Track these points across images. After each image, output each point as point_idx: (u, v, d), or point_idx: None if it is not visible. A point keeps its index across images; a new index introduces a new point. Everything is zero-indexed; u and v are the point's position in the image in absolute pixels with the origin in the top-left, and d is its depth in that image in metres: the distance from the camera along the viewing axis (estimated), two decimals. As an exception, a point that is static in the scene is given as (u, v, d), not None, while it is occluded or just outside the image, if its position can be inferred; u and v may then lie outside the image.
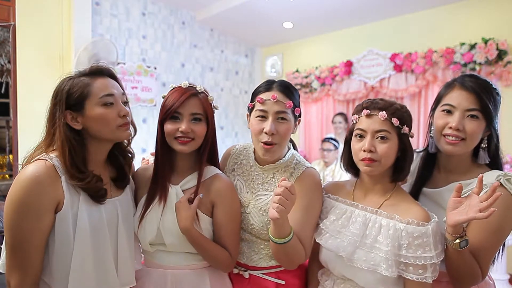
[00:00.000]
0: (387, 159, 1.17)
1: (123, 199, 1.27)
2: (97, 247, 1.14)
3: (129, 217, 1.27)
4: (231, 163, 1.46)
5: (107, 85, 1.19)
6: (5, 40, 3.13)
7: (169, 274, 1.27)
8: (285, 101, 1.27)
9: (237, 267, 1.38)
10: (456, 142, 1.20)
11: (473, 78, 1.22)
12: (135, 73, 4.23)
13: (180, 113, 1.25)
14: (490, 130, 1.22)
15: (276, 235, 1.16)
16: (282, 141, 1.29)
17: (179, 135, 1.24)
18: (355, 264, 1.14)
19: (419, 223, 1.10)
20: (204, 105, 1.28)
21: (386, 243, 1.11)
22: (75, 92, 1.15)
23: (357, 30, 4.45)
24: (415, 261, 1.08)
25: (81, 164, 1.13)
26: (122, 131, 1.21)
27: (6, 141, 4.07)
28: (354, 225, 1.20)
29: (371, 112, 1.18)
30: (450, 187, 1.22)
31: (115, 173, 1.29)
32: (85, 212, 1.12)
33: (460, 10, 3.59)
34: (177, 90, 1.28)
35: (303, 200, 1.27)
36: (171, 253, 1.27)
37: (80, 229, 1.10)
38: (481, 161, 1.24)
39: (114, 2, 4.08)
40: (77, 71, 1.21)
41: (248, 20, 4.59)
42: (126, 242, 1.23)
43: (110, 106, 1.17)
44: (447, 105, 1.23)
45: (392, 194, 1.21)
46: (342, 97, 4.52)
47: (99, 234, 1.15)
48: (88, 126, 1.16)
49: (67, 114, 1.14)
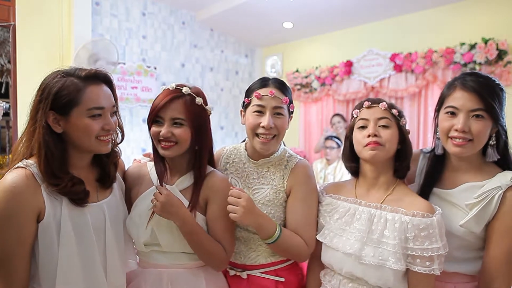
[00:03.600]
0: (391, 144, 1.20)
1: (111, 202, 1.23)
2: (84, 253, 1.11)
3: (118, 219, 1.24)
4: (222, 163, 1.48)
5: (99, 96, 1.13)
6: (5, 40, 3.13)
7: (165, 274, 1.26)
8: (281, 97, 1.32)
9: (234, 268, 1.37)
10: (463, 143, 1.18)
11: (474, 76, 1.20)
12: (135, 73, 4.23)
13: (161, 117, 1.24)
14: (497, 127, 1.20)
15: (263, 236, 1.25)
16: (279, 134, 1.33)
17: (161, 138, 1.23)
18: (363, 260, 1.14)
19: (424, 215, 1.11)
20: (188, 109, 1.24)
21: (393, 236, 1.12)
22: (64, 96, 1.08)
23: (357, 30, 4.44)
24: (422, 253, 1.09)
25: (57, 169, 1.08)
26: (101, 145, 1.16)
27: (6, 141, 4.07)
28: (359, 221, 1.20)
29: (372, 104, 1.25)
30: (463, 188, 1.22)
31: (100, 174, 1.24)
32: (69, 219, 1.09)
33: (460, 10, 3.59)
34: (163, 92, 1.27)
35: (299, 191, 1.32)
36: (166, 253, 1.27)
37: (64, 236, 1.07)
38: (489, 159, 1.22)
39: (114, 2, 4.08)
40: (73, 68, 1.15)
41: (248, 20, 4.59)
42: (116, 246, 1.20)
43: (97, 118, 1.12)
44: (450, 107, 1.21)
45: (395, 189, 1.23)
46: (342, 97, 4.51)
47: (85, 239, 1.12)
48: (69, 132, 1.11)
49: (50, 114, 1.08)
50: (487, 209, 1.14)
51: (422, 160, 1.38)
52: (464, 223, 1.16)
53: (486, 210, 1.14)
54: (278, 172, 1.36)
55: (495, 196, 1.13)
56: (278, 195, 1.33)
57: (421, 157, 1.39)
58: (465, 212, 1.18)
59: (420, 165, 1.37)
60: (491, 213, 1.14)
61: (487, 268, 1.16)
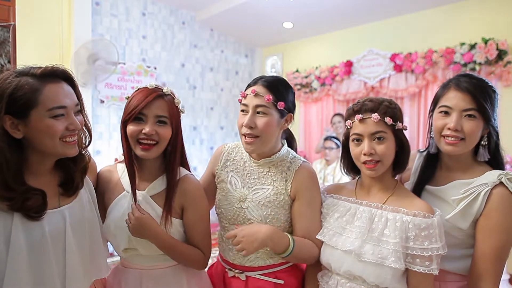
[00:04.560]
0: (388, 158, 1.20)
1: (74, 206, 1.12)
2: (37, 266, 1.01)
3: (81, 225, 1.13)
4: (223, 160, 1.46)
5: (58, 94, 1.02)
6: (5, 40, 3.13)
7: (144, 274, 1.26)
8: (264, 95, 1.27)
9: (233, 269, 1.36)
10: (455, 142, 1.21)
11: (468, 78, 1.23)
12: (135, 73, 4.23)
13: (144, 114, 1.19)
14: (489, 128, 1.23)
15: (278, 252, 1.24)
16: (263, 134, 1.27)
17: (142, 137, 1.19)
18: (363, 258, 1.15)
19: (425, 215, 1.12)
20: (169, 108, 1.23)
21: (393, 235, 1.13)
22: (20, 98, 0.97)
23: (357, 30, 4.44)
24: (422, 253, 1.10)
25: (12, 180, 0.97)
26: (67, 147, 1.06)
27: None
28: (360, 220, 1.21)
29: (364, 116, 1.20)
30: (453, 184, 1.25)
31: (64, 178, 1.13)
32: (21, 232, 0.98)
33: (460, 10, 3.59)
34: (142, 90, 1.23)
35: (305, 195, 1.31)
36: (145, 256, 1.26)
37: (13, 251, 0.96)
38: (480, 159, 1.26)
39: (114, 2, 4.08)
40: (27, 66, 1.04)
41: (248, 20, 4.59)
42: (77, 253, 1.09)
43: (60, 118, 1.02)
44: (444, 106, 1.24)
45: (395, 191, 1.24)
46: (342, 97, 4.51)
47: (40, 250, 1.01)
48: (30, 136, 1.01)
49: (7, 119, 0.98)
50: (473, 205, 1.16)
51: (417, 160, 1.41)
52: (450, 217, 1.19)
53: (472, 206, 1.16)
54: (280, 174, 1.34)
55: (481, 193, 1.15)
56: (279, 196, 1.31)
57: (417, 157, 1.42)
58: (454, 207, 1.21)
59: (415, 164, 1.40)
60: (477, 209, 1.16)
61: (475, 266, 1.17)
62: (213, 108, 5.07)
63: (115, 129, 4.14)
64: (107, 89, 4.06)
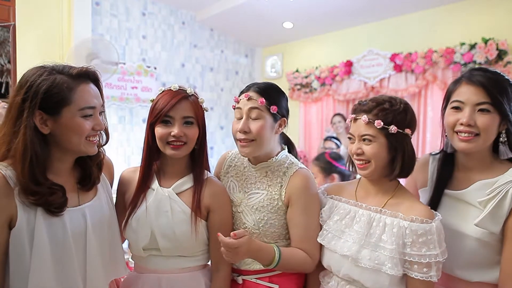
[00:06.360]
0: (377, 160, 1.16)
1: (94, 205, 1.16)
2: (60, 263, 1.03)
3: (102, 224, 1.16)
4: (225, 167, 1.48)
5: (90, 95, 1.08)
6: (5, 40, 3.13)
7: (163, 279, 1.24)
8: (257, 99, 1.28)
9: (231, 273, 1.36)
10: (469, 138, 1.14)
11: (481, 71, 1.17)
12: (135, 73, 4.23)
13: (171, 117, 1.23)
14: (506, 124, 1.15)
15: (263, 264, 1.23)
16: (258, 138, 1.28)
17: (172, 139, 1.22)
18: (360, 263, 1.13)
19: (423, 221, 1.09)
20: (195, 108, 1.26)
21: (390, 241, 1.10)
22: (55, 95, 1.01)
23: (357, 30, 4.44)
24: (419, 259, 1.07)
25: (40, 175, 1.00)
26: (90, 146, 1.11)
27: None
28: (358, 224, 1.19)
29: (356, 116, 1.20)
30: (476, 186, 1.17)
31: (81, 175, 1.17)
32: (44, 227, 1.01)
33: (460, 10, 3.59)
34: (167, 93, 1.25)
35: (299, 201, 1.28)
36: (165, 257, 1.25)
37: (38, 246, 0.99)
38: (503, 156, 1.19)
39: (114, 2, 4.08)
40: (61, 64, 1.09)
41: (248, 20, 4.59)
42: (98, 251, 1.13)
43: (89, 118, 1.08)
44: (455, 101, 1.18)
45: (395, 193, 1.21)
46: (342, 97, 4.51)
47: (62, 247, 1.04)
48: (57, 133, 1.05)
49: (37, 114, 1.01)
50: (502, 205, 1.07)
51: (432, 164, 1.33)
52: (479, 221, 1.09)
53: (501, 206, 1.07)
54: (276, 179, 1.33)
55: (509, 191, 1.07)
56: (273, 202, 1.30)
57: (431, 161, 1.34)
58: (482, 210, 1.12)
59: (430, 169, 1.33)
60: (507, 209, 1.07)
61: (502, 270, 1.09)
62: (213, 108, 5.07)
63: (115, 129, 4.14)
64: (107, 89, 4.05)
